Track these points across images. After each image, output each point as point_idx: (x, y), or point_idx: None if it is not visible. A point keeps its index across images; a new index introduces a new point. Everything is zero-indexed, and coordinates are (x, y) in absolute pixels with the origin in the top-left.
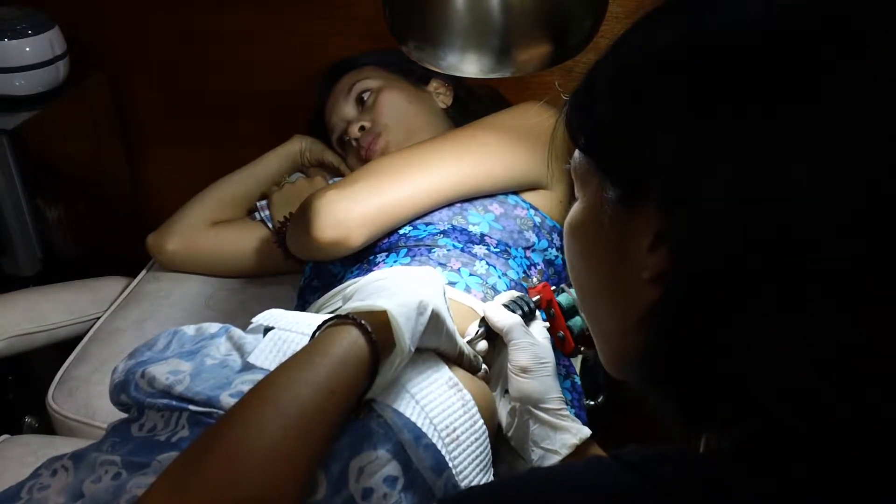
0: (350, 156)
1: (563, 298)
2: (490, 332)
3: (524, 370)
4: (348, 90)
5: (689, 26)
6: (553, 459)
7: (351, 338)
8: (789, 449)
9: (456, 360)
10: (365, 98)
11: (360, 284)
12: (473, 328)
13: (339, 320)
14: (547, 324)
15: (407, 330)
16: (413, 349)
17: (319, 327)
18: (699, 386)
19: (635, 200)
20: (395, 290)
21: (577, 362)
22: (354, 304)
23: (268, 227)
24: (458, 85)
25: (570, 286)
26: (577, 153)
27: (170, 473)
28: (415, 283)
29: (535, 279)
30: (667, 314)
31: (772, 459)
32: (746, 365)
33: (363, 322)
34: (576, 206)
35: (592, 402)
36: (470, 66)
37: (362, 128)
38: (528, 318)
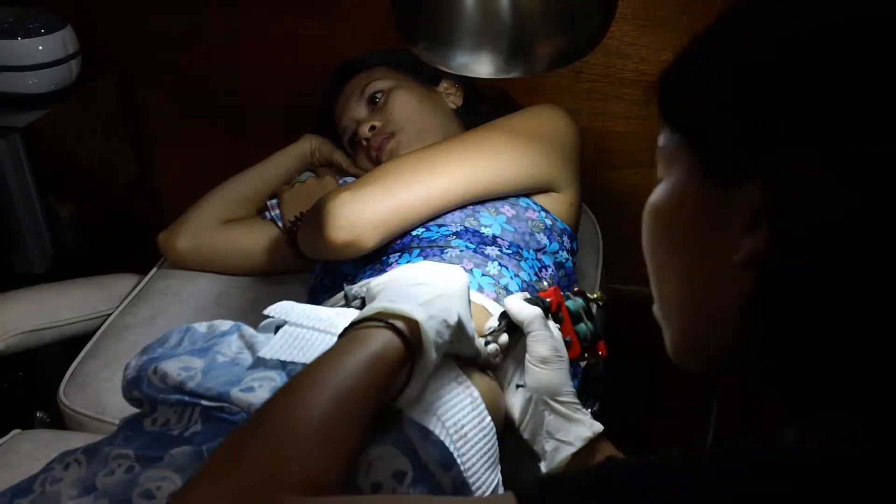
0: (360, 156)
1: (570, 304)
2: (510, 326)
3: (543, 361)
4: (360, 91)
5: (823, 13)
6: (566, 451)
7: (386, 337)
8: None
9: (471, 360)
10: (376, 98)
11: (389, 280)
12: (494, 321)
13: (371, 322)
14: (558, 325)
15: (435, 343)
16: (438, 360)
17: (350, 325)
18: (797, 375)
19: (734, 178)
20: (425, 297)
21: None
22: (385, 304)
23: (278, 226)
24: (468, 86)
25: (575, 294)
26: (665, 133)
27: (212, 464)
28: (442, 290)
29: (545, 283)
30: (763, 298)
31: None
32: (847, 350)
33: (397, 325)
34: (660, 189)
35: (589, 410)
36: (479, 66)
37: (373, 127)
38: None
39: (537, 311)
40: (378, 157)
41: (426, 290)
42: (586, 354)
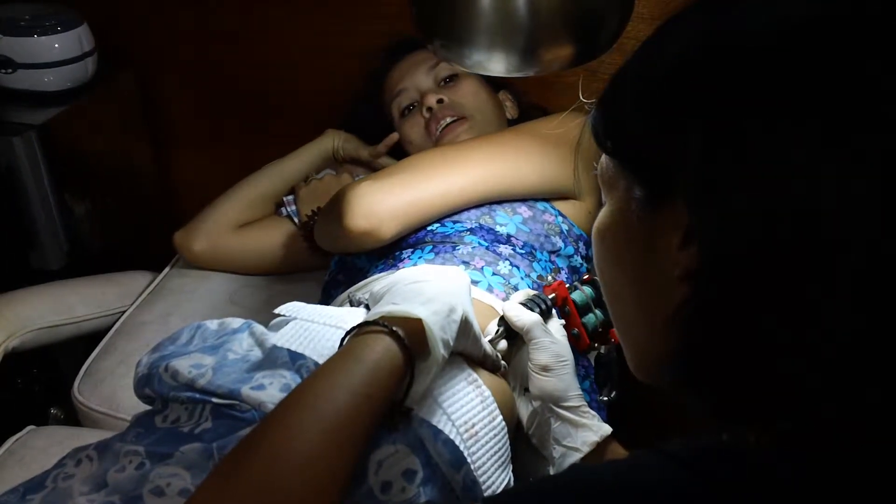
0: (409, 125)
1: (577, 296)
2: (509, 331)
3: (545, 368)
4: (433, 64)
5: (716, 27)
6: (574, 457)
7: (384, 344)
8: (834, 441)
9: (479, 361)
10: (448, 78)
11: (390, 284)
12: (493, 327)
13: (371, 326)
14: (563, 321)
15: (441, 339)
16: (447, 357)
17: (350, 332)
18: (736, 380)
19: (664, 198)
20: (427, 295)
21: (591, 358)
22: (387, 308)
23: (294, 221)
24: (520, 102)
25: (584, 283)
26: (603, 158)
27: (211, 480)
28: (445, 287)
29: (549, 277)
30: (697, 310)
31: (817, 451)
32: (781, 356)
33: (396, 329)
34: (603, 211)
35: (605, 398)
36: (495, 64)
37: (440, 101)
38: (545, 316)
39: (536, 317)
40: (442, 134)
41: (429, 286)
42: (596, 344)
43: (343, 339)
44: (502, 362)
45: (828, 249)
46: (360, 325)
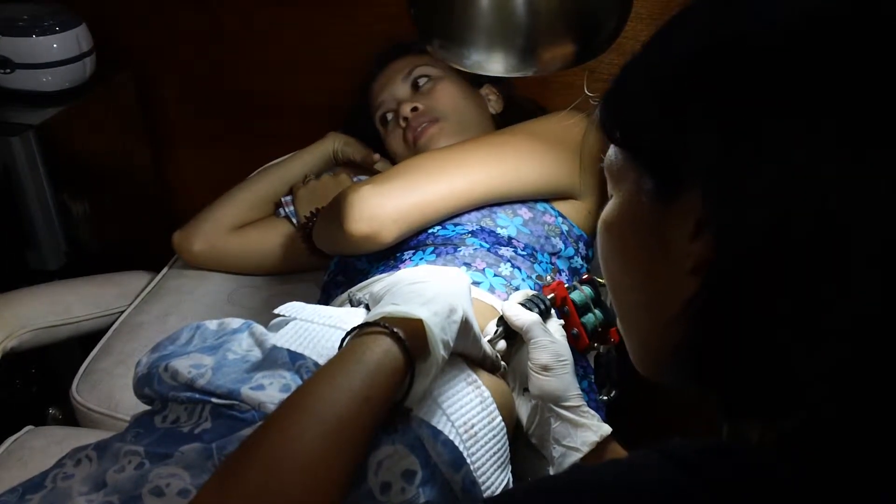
0: (391, 136)
1: (576, 296)
2: (508, 331)
3: (545, 368)
4: (407, 72)
5: (730, 20)
6: (574, 457)
7: (384, 346)
8: (835, 441)
9: (479, 362)
10: (421, 83)
11: (390, 284)
12: (492, 327)
13: (372, 327)
14: (562, 321)
15: (441, 340)
16: (447, 358)
17: (350, 332)
18: (742, 377)
19: (676, 189)
20: (428, 296)
21: (590, 358)
22: (388, 309)
23: (292, 222)
24: (508, 94)
25: (583, 282)
26: (611, 150)
27: (211, 484)
28: (445, 288)
29: (549, 277)
30: (707, 304)
31: (818, 451)
32: (788, 353)
33: (396, 330)
34: (610, 204)
35: (605, 398)
36: (494, 64)
37: (415, 109)
38: (544, 316)
39: (535, 317)
40: (416, 138)
41: (429, 287)
42: (595, 344)
43: (343, 340)
44: (502, 363)
45: (844, 247)
46: (360, 326)
